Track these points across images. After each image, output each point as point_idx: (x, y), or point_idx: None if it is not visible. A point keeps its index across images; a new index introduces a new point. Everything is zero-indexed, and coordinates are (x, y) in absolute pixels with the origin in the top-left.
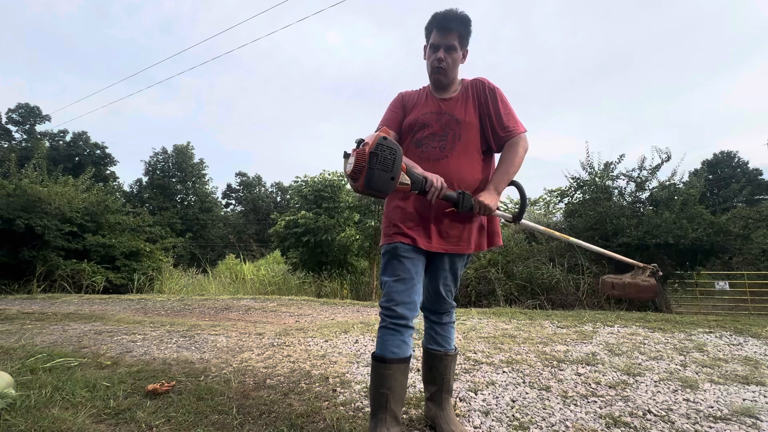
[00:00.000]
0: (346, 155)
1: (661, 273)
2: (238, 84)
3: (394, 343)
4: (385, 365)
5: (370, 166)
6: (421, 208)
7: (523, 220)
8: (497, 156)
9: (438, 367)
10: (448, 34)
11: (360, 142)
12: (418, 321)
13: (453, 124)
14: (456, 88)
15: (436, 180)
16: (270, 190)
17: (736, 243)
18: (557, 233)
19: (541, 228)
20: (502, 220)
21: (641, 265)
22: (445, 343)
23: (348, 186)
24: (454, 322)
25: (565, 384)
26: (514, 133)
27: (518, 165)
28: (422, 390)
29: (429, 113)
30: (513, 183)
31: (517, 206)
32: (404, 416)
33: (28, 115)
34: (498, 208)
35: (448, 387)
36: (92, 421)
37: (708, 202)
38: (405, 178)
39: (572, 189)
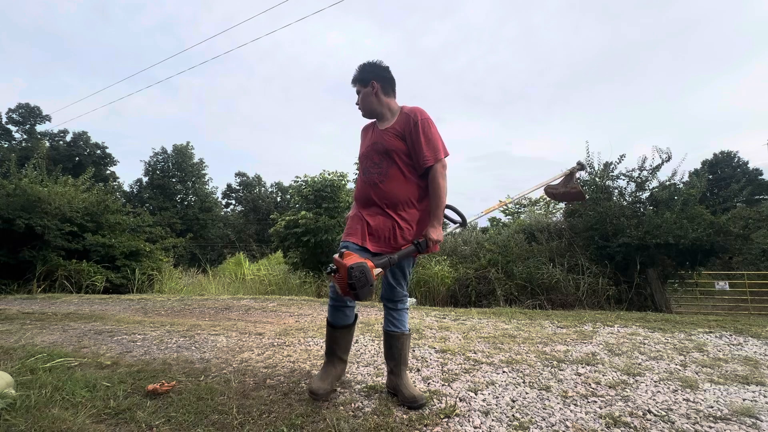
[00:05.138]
0: (329, 272)
1: (584, 165)
2: (238, 84)
3: (339, 316)
4: (334, 329)
5: (354, 289)
6: (358, 218)
7: (469, 220)
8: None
9: (396, 345)
10: (354, 86)
11: (333, 270)
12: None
13: (385, 153)
14: (392, 119)
15: (388, 259)
16: (270, 190)
17: (736, 243)
18: (491, 208)
19: (481, 215)
20: (457, 229)
21: (565, 172)
22: (400, 325)
23: (348, 186)
24: (407, 308)
25: (565, 384)
26: (429, 163)
27: (443, 193)
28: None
29: (370, 145)
30: (448, 206)
31: (514, 204)
32: (404, 416)
33: (28, 115)
34: (444, 226)
35: (405, 360)
36: (92, 421)
37: (708, 202)
38: (377, 270)
39: None
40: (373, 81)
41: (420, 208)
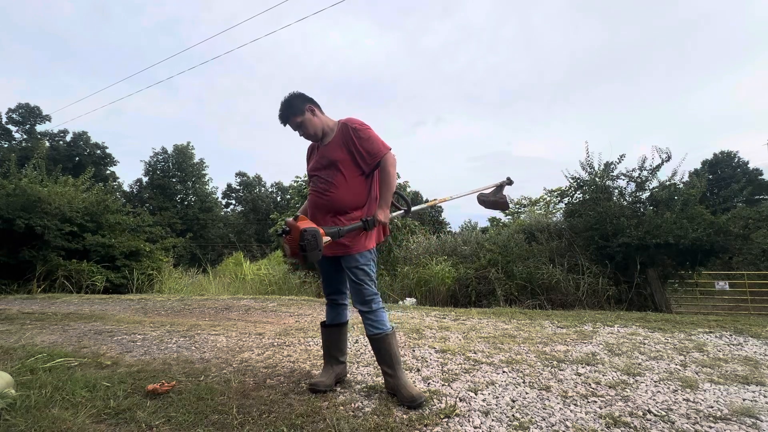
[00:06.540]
0: (280, 233)
1: (512, 181)
2: (238, 84)
3: (331, 314)
4: (326, 328)
5: (303, 251)
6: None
7: (413, 209)
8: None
9: (384, 347)
10: (286, 123)
11: (285, 231)
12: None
13: (330, 165)
14: (331, 134)
15: (338, 230)
16: (270, 190)
17: (736, 243)
18: (433, 202)
19: (423, 206)
20: (403, 216)
21: (496, 184)
22: (381, 326)
23: None
24: (382, 308)
25: (565, 384)
26: (378, 158)
27: (393, 180)
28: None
29: (317, 159)
30: (396, 193)
31: (514, 204)
32: (404, 416)
33: (28, 115)
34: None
35: (398, 360)
36: (92, 421)
37: (708, 202)
38: (326, 238)
39: (572, 189)
40: (308, 105)
41: (364, 210)
